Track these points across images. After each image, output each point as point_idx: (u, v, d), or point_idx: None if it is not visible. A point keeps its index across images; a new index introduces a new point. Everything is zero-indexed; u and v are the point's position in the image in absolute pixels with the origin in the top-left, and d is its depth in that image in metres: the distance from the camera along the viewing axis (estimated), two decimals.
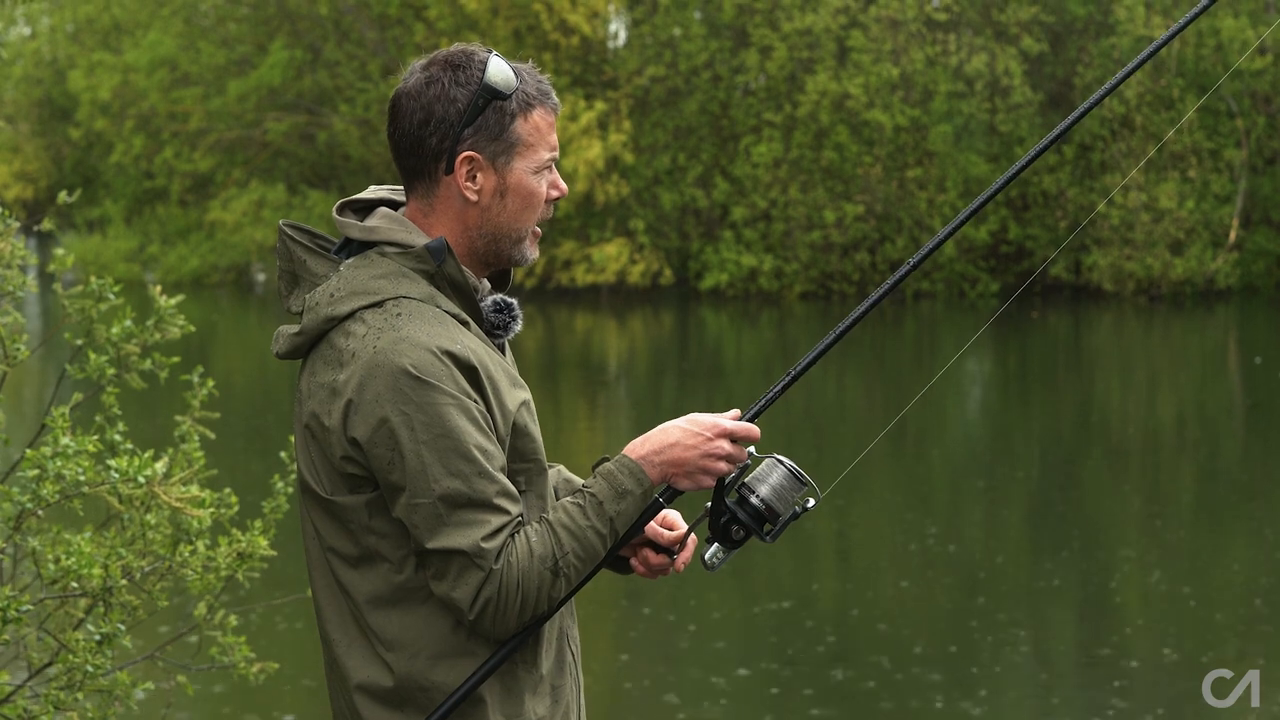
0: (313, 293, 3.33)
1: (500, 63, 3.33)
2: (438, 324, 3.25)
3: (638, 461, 3.36)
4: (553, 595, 3.26)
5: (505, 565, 3.21)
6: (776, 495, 3.42)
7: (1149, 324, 32.34)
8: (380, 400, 3.19)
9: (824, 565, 13.76)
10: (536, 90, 3.36)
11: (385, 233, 3.34)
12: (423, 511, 3.20)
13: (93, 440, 5.25)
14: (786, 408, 21.19)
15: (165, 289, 5.84)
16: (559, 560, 3.25)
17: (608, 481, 3.33)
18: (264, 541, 5.54)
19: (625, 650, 11.22)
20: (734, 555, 3.46)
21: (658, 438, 3.38)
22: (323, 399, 3.26)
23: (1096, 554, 13.72)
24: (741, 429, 3.40)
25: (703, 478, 3.39)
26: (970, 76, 37.16)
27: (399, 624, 3.28)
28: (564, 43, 39.64)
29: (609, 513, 3.31)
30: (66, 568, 5.23)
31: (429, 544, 3.20)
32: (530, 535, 3.25)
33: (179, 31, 44.50)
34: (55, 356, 21.39)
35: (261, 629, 11.01)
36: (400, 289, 3.28)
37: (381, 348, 3.21)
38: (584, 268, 38.82)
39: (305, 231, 3.41)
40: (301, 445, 3.33)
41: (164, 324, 5.71)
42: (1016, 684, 10.56)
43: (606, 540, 3.31)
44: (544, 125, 3.37)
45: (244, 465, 15.72)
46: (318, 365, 3.30)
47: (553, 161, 3.39)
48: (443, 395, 3.19)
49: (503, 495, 3.23)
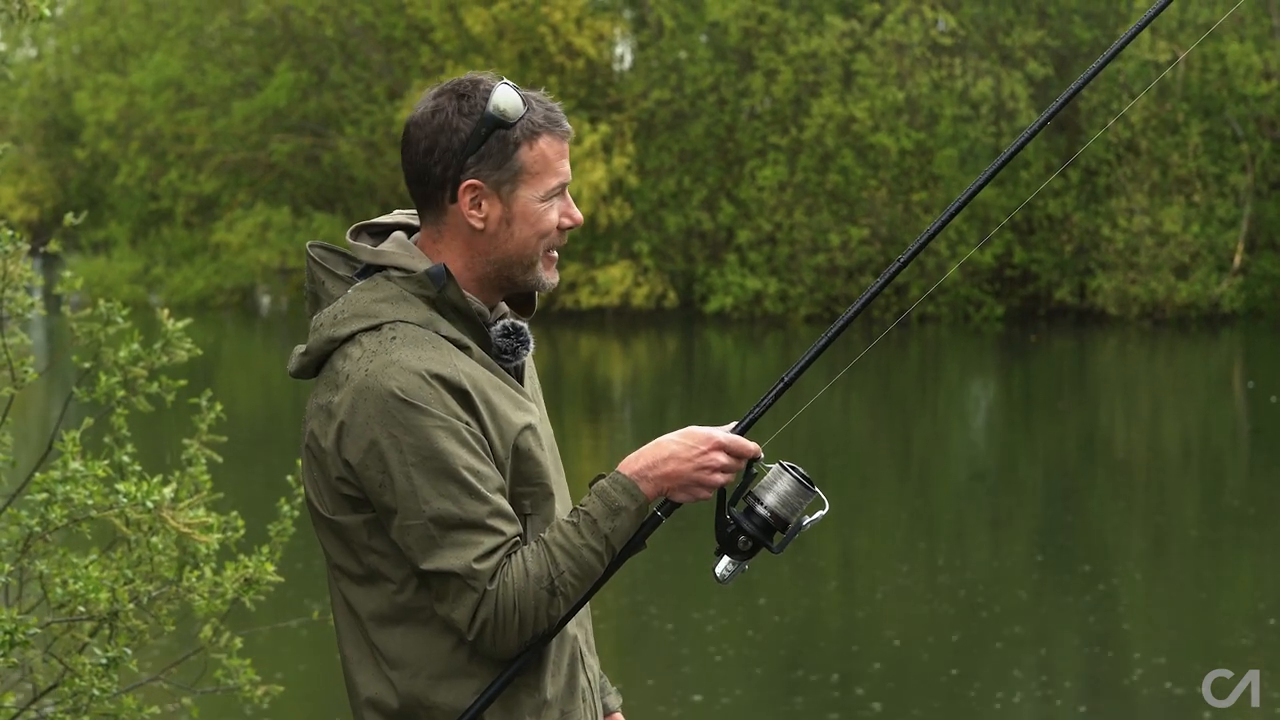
0: (320, 314, 3.37)
1: (507, 90, 3.34)
2: (431, 348, 3.27)
3: (631, 477, 3.35)
4: (551, 614, 3.27)
5: (500, 585, 3.22)
6: (783, 503, 3.40)
7: (1153, 348, 32.33)
8: (370, 423, 3.22)
9: (828, 588, 13.74)
10: (544, 118, 3.36)
11: (391, 257, 3.37)
12: (415, 533, 3.22)
13: (102, 466, 5.24)
14: (792, 432, 21.17)
15: (170, 311, 5.84)
16: (555, 579, 3.26)
17: (601, 499, 3.34)
18: (271, 567, 5.54)
19: (627, 672, 11.21)
20: (746, 567, 3.43)
21: (651, 452, 3.38)
22: (321, 420, 3.29)
23: (1100, 577, 13.70)
24: (735, 441, 3.39)
25: (699, 490, 3.38)
26: (975, 100, 37.19)
27: (401, 643, 3.30)
28: (569, 66, 39.70)
29: (603, 530, 3.30)
30: (74, 592, 5.23)
31: (423, 565, 3.23)
32: (526, 555, 3.26)
33: (185, 53, 44.57)
34: (61, 378, 21.40)
35: (266, 651, 11.00)
36: (399, 313, 3.30)
37: (372, 371, 3.23)
38: (589, 290, 38.84)
39: (334, 252, 3.45)
40: (305, 465, 3.36)
41: (171, 347, 5.71)
42: (1020, 706, 10.54)
43: (603, 557, 3.31)
44: (551, 153, 3.37)
45: (248, 488, 15.71)
46: (320, 387, 3.33)
47: (562, 189, 3.39)
48: (429, 418, 3.21)
49: (496, 516, 3.24)
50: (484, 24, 39.48)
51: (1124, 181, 36.43)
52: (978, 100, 37.18)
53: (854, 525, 15.78)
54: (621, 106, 40.10)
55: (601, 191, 38.35)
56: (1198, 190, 36.40)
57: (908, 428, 23.24)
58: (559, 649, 3.39)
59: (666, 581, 13.79)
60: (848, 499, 17.14)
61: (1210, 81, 36.19)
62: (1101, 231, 36.54)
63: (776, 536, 3.42)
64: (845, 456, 20.31)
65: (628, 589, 13.16)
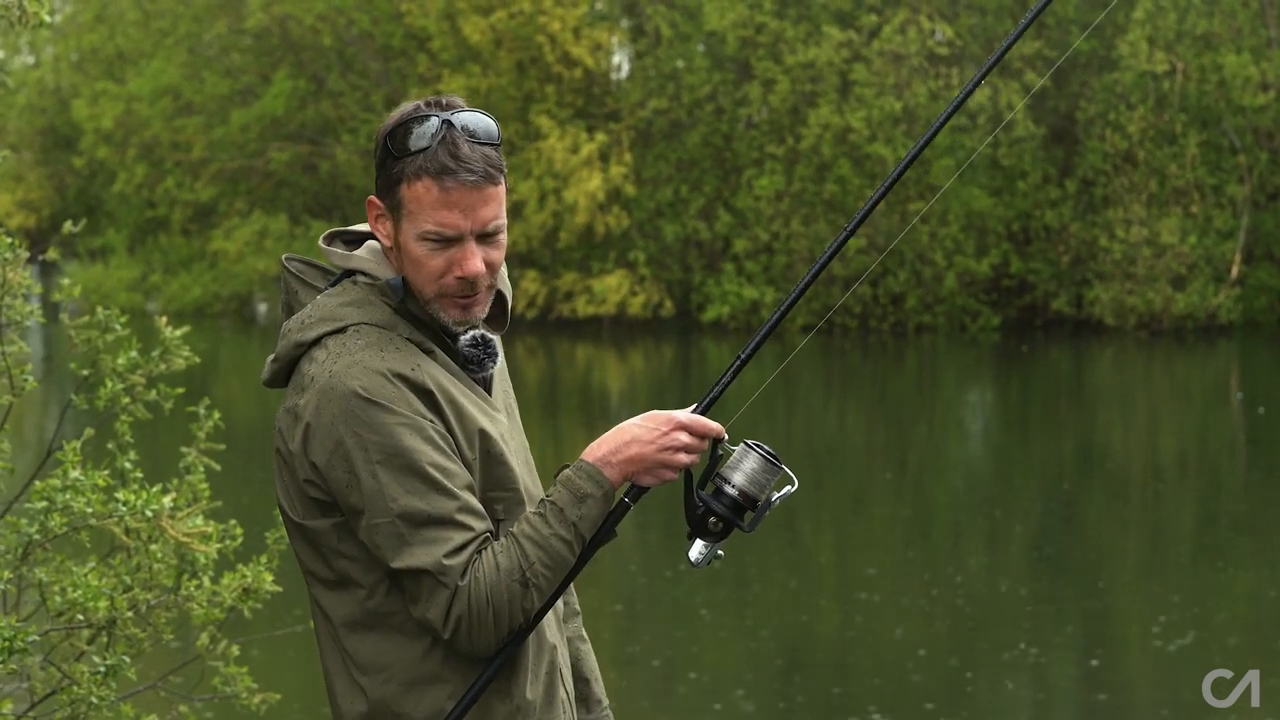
0: (289, 320, 3.37)
1: (426, 124, 3.29)
2: (393, 349, 3.28)
3: (595, 464, 3.36)
4: (525, 607, 3.25)
5: (472, 581, 3.21)
6: (751, 481, 3.39)
7: (1150, 359, 32.33)
8: (335, 424, 3.22)
9: (823, 597, 13.74)
10: (442, 166, 3.28)
11: (359, 262, 3.39)
12: (383, 531, 3.21)
13: (102, 475, 5.24)
14: (788, 439, 21.19)
15: (168, 319, 5.83)
16: (526, 571, 3.24)
17: (567, 487, 3.34)
18: (269, 577, 5.53)
19: (620, 683, 11.20)
20: (720, 551, 3.41)
21: (614, 437, 3.39)
22: (288, 424, 3.30)
23: (1097, 583, 13.70)
24: (697, 420, 3.40)
25: (664, 472, 3.38)
26: (973, 110, 37.21)
27: (372, 648, 3.29)
28: (567, 75, 39.70)
29: (570, 518, 3.30)
30: (73, 600, 5.22)
31: (393, 564, 3.22)
32: (496, 550, 3.25)
33: (183, 61, 44.57)
34: (58, 386, 21.39)
35: (264, 659, 10.99)
36: (364, 315, 3.32)
37: (336, 371, 3.23)
38: (585, 299, 38.83)
39: (310, 265, 3.46)
40: (276, 470, 3.38)
41: (169, 355, 5.71)
42: (1019, 707, 10.54)
43: (573, 546, 3.30)
44: (428, 200, 3.29)
45: (244, 496, 15.72)
46: (288, 391, 3.34)
47: (446, 240, 3.31)
48: (393, 416, 3.21)
49: (464, 511, 3.23)
50: (482, 33, 39.48)
51: (1121, 192, 36.43)
52: (975, 110, 37.20)
53: (850, 533, 15.78)
54: (619, 115, 40.12)
55: (598, 200, 38.36)
56: (1195, 201, 36.41)
57: (904, 437, 23.24)
58: (536, 656, 3.38)
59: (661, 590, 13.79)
60: (844, 508, 17.15)
61: (1208, 92, 36.21)
62: (1099, 242, 36.55)
63: (747, 515, 3.41)
64: (842, 465, 20.31)
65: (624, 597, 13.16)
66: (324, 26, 42.49)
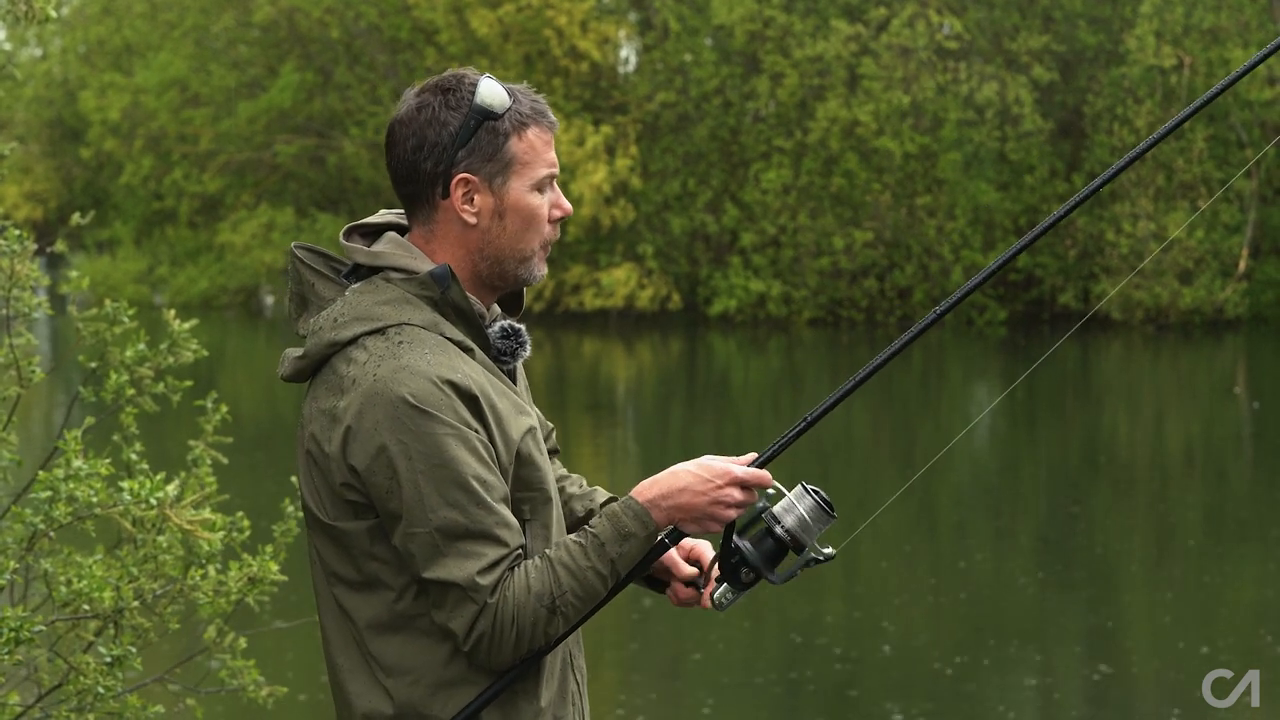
0: (317, 317, 3.31)
1: (492, 84, 3.31)
2: (440, 352, 3.23)
3: (644, 505, 3.32)
4: (549, 632, 3.23)
5: (501, 599, 3.18)
6: (802, 527, 3.36)
7: (1157, 353, 32.31)
8: (379, 428, 3.17)
9: (831, 595, 13.74)
10: (531, 109, 3.33)
11: (390, 258, 3.32)
12: (419, 541, 3.17)
13: (105, 464, 5.24)
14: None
15: (175, 311, 5.83)
16: (556, 599, 3.22)
17: (612, 523, 3.30)
18: (275, 566, 5.54)
19: (629, 682, 11.21)
20: (743, 597, 3.41)
21: (666, 481, 3.34)
22: (324, 425, 3.24)
23: (1101, 578, 13.70)
24: (753, 476, 3.35)
25: (710, 524, 3.35)
26: (980, 105, 37.19)
27: (399, 651, 3.26)
28: (574, 68, 39.71)
29: (610, 554, 3.27)
30: (78, 590, 5.23)
31: (425, 574, 3.18)
32: (530, 571, 3.22)
33: (190, 53, 44.59)
34: (65, 378, 21.41)
35: (271, 652, 11.01)
36: (404, 315, 3.26)
37: (382, 375, 3.18)
38: (592, 292, 38.85)
39: (318, 254, 3.39)
40: (304, 469, 3.31)
41: (177, 347, 5.71)
42: (1023, 706, 10.55)
43: (607, 581, 3.28)
44: (539, 143, 3.33)
45: (252, 488, 15.72)
46: (320, 390, 3.27)
47: (551, 179, 3.36)
48: (441, 425, 3.16)
49: (501, 526, 3.20)
50: (489, 26, 39.49)
51: (1128, 187, 36.42)
52: (983, 104, 37.18)
53: (856, 529, 15.77)
54: (626, 109, 40.11)
55: (605, 193, 38.35)
56: (1202, 196, 36.40)
57: (910, 431, 23.24)
58: (554, 655, 3.35)
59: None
60: (850, 502, 17.14)
61: None
62: (1106, 236, 36.53)
63: (784, 562, 3.38)
64: (848, 460, 20.31)
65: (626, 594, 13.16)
66: (331, 19, 42.51)
